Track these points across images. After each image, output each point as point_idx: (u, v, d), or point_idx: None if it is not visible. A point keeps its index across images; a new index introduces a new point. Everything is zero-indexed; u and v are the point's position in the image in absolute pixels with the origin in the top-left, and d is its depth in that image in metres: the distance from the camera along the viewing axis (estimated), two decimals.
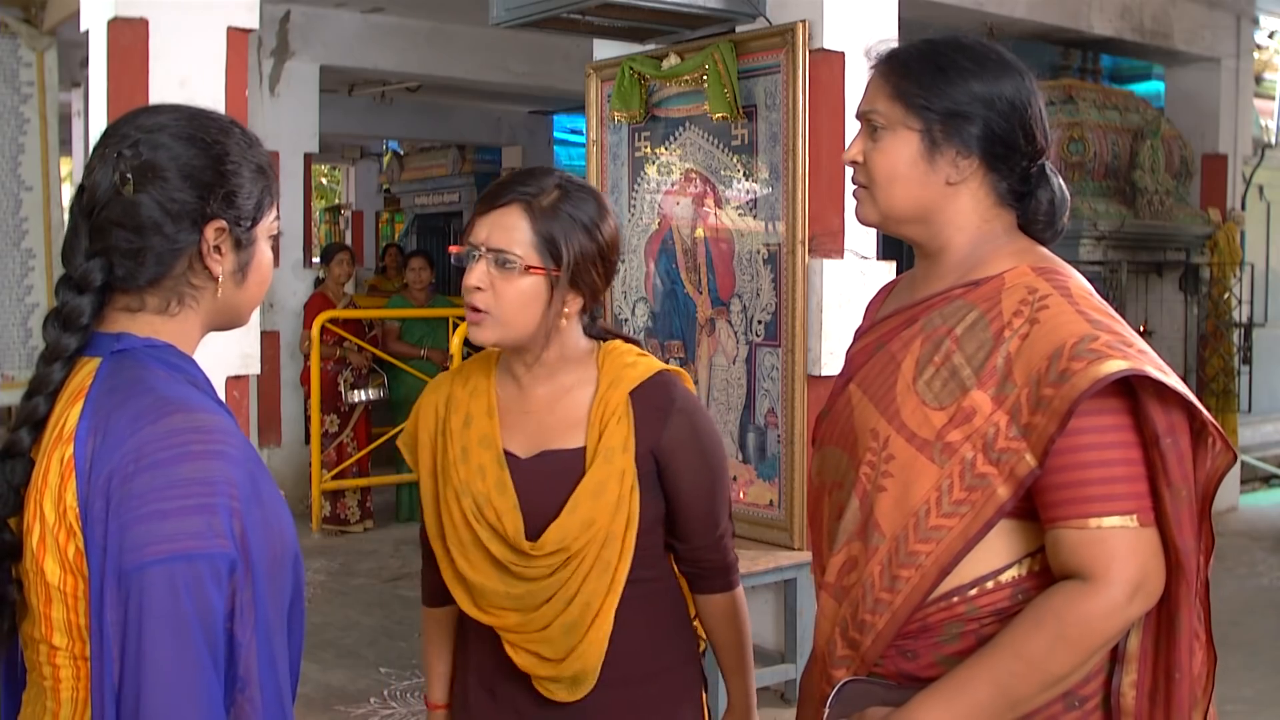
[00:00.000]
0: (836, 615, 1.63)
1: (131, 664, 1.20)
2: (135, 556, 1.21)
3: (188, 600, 1.20)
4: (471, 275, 1.78)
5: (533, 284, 1.77)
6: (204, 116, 1.41)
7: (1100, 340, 1.46)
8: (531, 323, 1.79)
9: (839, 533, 1.63)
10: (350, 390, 7.39)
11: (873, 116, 1.64)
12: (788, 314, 4.30)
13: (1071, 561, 1.47)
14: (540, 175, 1.83)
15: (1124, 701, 1.52)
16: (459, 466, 1.85)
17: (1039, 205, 1.65)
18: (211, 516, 1.23)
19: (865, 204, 1.68)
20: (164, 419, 1.26)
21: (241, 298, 1.44)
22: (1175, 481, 1.47)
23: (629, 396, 1.83)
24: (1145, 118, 7.90)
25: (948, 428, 1.53)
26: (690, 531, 1.89)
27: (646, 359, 1.90)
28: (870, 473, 1.59)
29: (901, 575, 1.54)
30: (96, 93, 4.01)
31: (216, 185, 1.36)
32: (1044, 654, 1.45)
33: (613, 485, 1.80)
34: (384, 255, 11.63)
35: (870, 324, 1.78)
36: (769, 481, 4.42)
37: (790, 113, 4.24)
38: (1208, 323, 8.37)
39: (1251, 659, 4.97)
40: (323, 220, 18.42)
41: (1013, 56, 1.66)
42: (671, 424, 1.84)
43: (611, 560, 1.80)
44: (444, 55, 8.74)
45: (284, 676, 1.35)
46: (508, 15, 4.44)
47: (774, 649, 4.49)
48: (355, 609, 5.77)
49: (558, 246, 1.77)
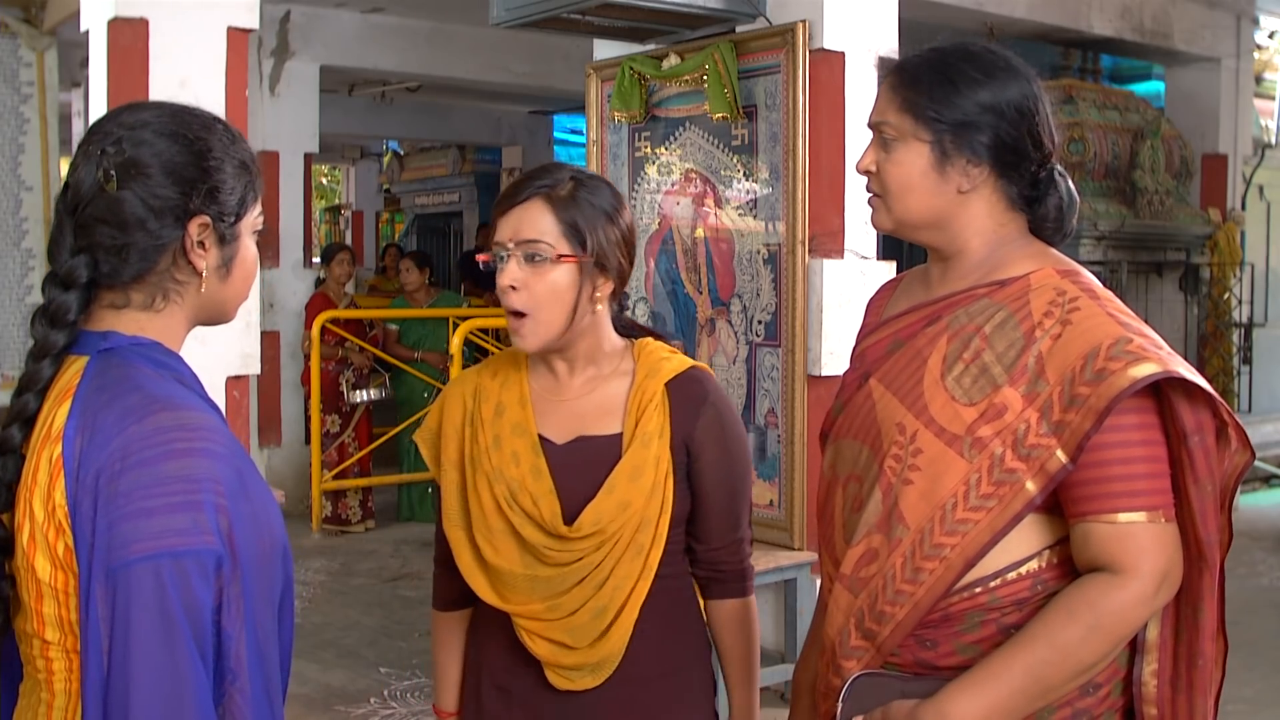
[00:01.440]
0: (852, 607, 1.64)
1: (119, 660, 1.21)
2: (122, 554, 1.22)
3: (174, 596, 1.22)
4: (504, 276, 1.80)
5: (565, 273, 1.79)
6: (186, 113, 1.42)
7: (1135, 343, 1.51)
8: (568, 314, 1.81)
9: (858, 525, 1.65)
10: (352, 390, 7.39)
11: (884, 128, 1.67)
12: (788, 314, 4.30)
13: (1101, 555, 1.51)
14: (554, 169, 1.86)
15: (1145, 690, 1.57)
16: (490, 454, 1.85)
17: (1048, 210, 1.68)
18: (197, 513, 1.24)
19: (880, 212, 1.71)
20: (150, 417, 1.28)
21: (227, 293, 1.44)
22: (1201, 477, 1.52)
23: (665, 387, 1.86)
24: (1145, 118, 7.90)
25: (978, 423, 1.57)
26: (710, 531, 1.90)
27: (679, 355, 1.93)
28: (896, 466, 1.62)
29: (925, 567, 1.57)
30: (97, 93, 4.01)
31: (199, 181, 1.37)
32: (1078, 643, 1.49)
33: (649, 470, 1.81)
34: (384, 255, 11.65)
35: (880, 320, 1.79)
36: (769, 481, 4.42)
37: (790, 113, 4.24)
38: (1208, 323, 8.38)
39: (1251, 659, 4.97)
40: (323, 220, 18.43)
41: (1020, 61, 1.68)
42: (704, 416, 1.86)
43: (645, 544, 1.81)
44: (444, 55, 8.74)
45: (274, 668, 1.36)
46: (508, 15, 4.44)
47: (774, 649, 4.49)
48: (356, 609, 5.76)
49: (583, 233, 1.80)
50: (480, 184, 13.26)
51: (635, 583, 1.81)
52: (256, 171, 1.46)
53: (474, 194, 13.36)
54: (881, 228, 1.72)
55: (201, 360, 1.50)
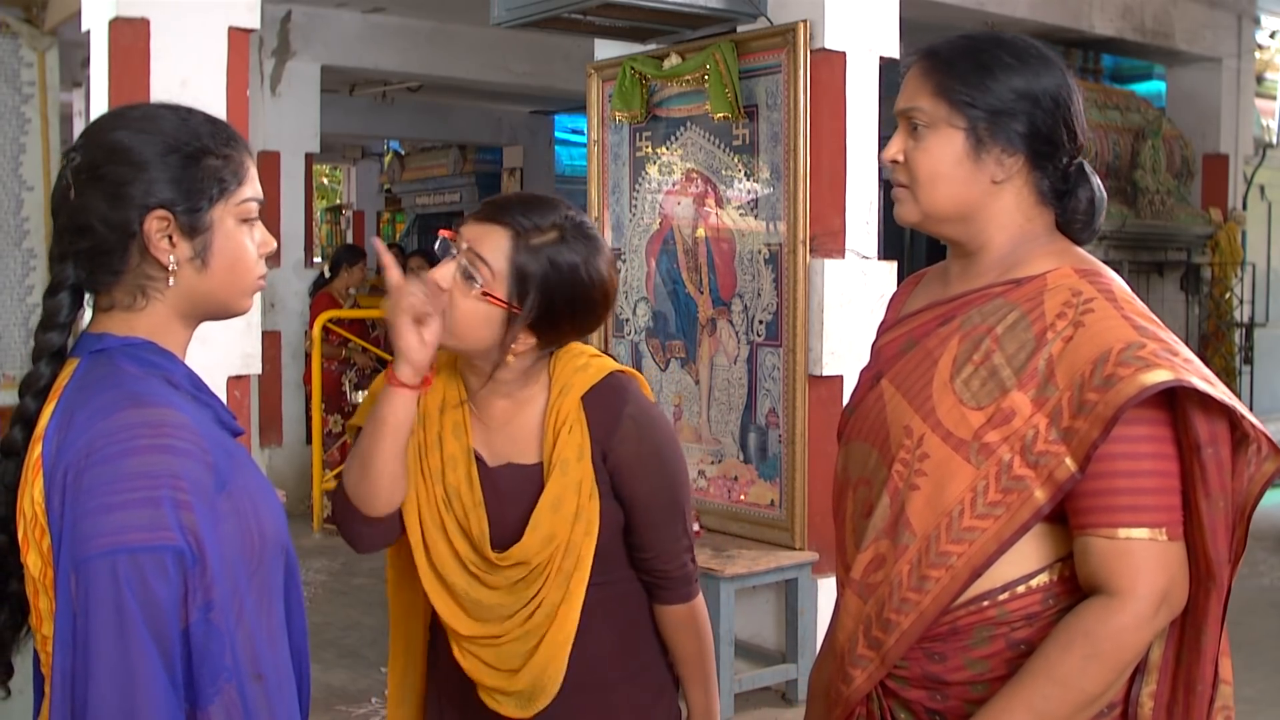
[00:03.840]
0: (861, 613, 1.60)
1: (81, 654, 1.24)
2: (83, 549, 1.24)
3: (129, 592, 1.23)
4: (439, 271, 1.73)
5: (485, 309, 1.72)
6: (132, 109, 1.43)
7: (1147, 348, 1.44)
8: (478, 344, 1.74)
9: (867, 530, 1.60)
10: (354, 391, 7.40)
11: (914, 114, 1.60)
12: (789, 314, 4.30)
13: (1099, 571, 1.45)
14: (547, 209, 1.76)
15: (1141, 711, 1.51)
16: (434, 451, 1.82)
17: (1079, 204, 1.61)
18: (155, 509, 1.25)
19: (906, 203, 1.63)
20: (117, 414, 1.29)
21: (211, 283, 1.42)
22: (1214, 491, 1.44)
23: (581, 401, 1.79)
24: (1146, 117, 7.90)
25: (985, 428, 1.51)
26: (645, 540, 1.84)
27: (599, 360, 1.84)
28: (903, 470, 1.56)
29: (931, 575, 1.52)
30: (98, 93, 4.01)
31: (142, 174, 1.37)
32: (1077, 674, 1.43)
33: (570, 497, 1.76)
34: None
35: (898, 317, 1.74)
36: (770, 481, 4.42)
37: (791, 112, 4.24)
38: (1209, 322, 8.38)
39: (1252, 659, 4.96)
40: (324, 220, 18.42)
41: (1052, 52, 1.62)
42: (622, 429, 1.79)
43: (569, 569, 1.76)
44: (445, 55, 8.73)
45: (276, 665, 1.38)
46: (509, 15, 4.44)
47: (774, 649, 4.48)
48: (357, 609, 5.76)
49: (526, 287, 1.71)
50: (481, 184, 13.25)
51: (559, 606, 1.76)
52: (227, 155, 1.42)
53: (475, 194, 13.34)
54: (907, 220, 1.64)
55: (203, 360, 1.50)
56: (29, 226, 5.71)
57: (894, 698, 1.60)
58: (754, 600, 4.51)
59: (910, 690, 1.58)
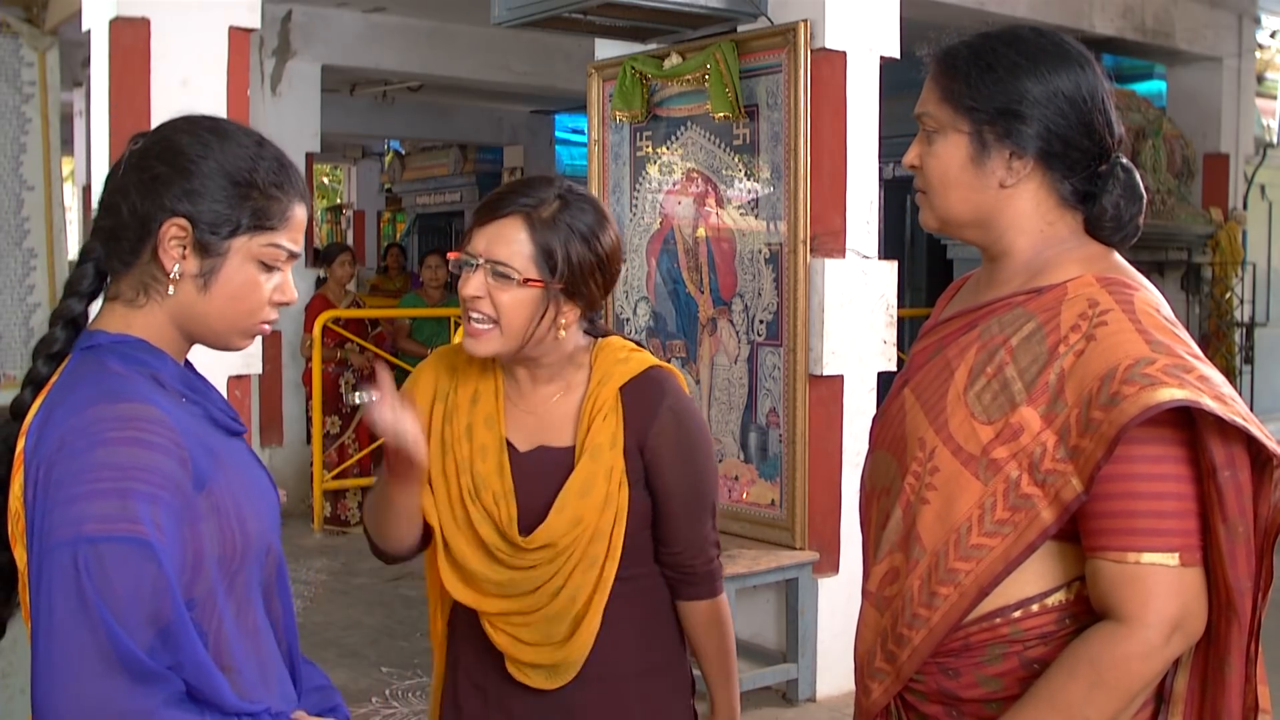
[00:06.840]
0: (879, 625, 1.57)
1: (44, 642, 1.24)
2: (49, 539, 1.25)
3: (88, 581, 1.23)
4: (469, 285, 1.78)
5: (530, 294, 1.77)
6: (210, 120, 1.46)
7: (1157, 365, 1.38)
8: (529, 331, 1.79)
9: (883, 541, 1.58)
10: (352, 392, 7.39)
11: (925, 119, 1.58)
12: (789, 313, 4.30)
13: (1109, 596, 1.40)
14: (541, 185, 1.82)
15: None
16: (462, 443, 1.85)
17: (1104, 207, 1.55)
18: (123, 501, 1.26)
19: (924, 209, 1.61)
20: (89, 409, 1.30)
21: (207, 307, 1.42)
22: (1231, 516, 1.38)
23: (619, 392, 1.84)
24: (1147, 117, 7.89)
25: (994, 443, 1.47)
26: (672, 534, 1.87)
27: (640, 354, 1.89)
28: (915, 483, 1.54)
29: (940, 592, 1.48)
30: (98, 92, 4.02)
31: (183, 181, 1.39)
32: (1081, 703, 1.39)
33: (600, 482, 1.79)
34: (386, 255, 11.63)
35: (934, 324, 1.70)
36: (770, 481, 4.42)
37: (792, 112, 4.24)
38: (1209, 322, 8.37)
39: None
40: (324, 220, 18.43)
41: (1077, 47, 1.56)
42: (660, 421, 1.84)
43: (599, 556, 1.80)
44: (446, 55, 8.73)
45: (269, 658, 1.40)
46: (509, 15, 4.44)
47: (775, 649, 4.48)
48: (357, 608, 5.76)
49: (555, 259, 1.77)
50: (482, 184, 13.25)
51: (592, 593, 1.80)
52: (274, 196, 1.43)
53: (475, 194, 13.35)
54: (927, 226, 1.62)
55: (203, 360, 1.50)
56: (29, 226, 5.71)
57: (913, 711, 1.58)
58: (754, 600, 4.51)
59: (928, 705, 1.56)
